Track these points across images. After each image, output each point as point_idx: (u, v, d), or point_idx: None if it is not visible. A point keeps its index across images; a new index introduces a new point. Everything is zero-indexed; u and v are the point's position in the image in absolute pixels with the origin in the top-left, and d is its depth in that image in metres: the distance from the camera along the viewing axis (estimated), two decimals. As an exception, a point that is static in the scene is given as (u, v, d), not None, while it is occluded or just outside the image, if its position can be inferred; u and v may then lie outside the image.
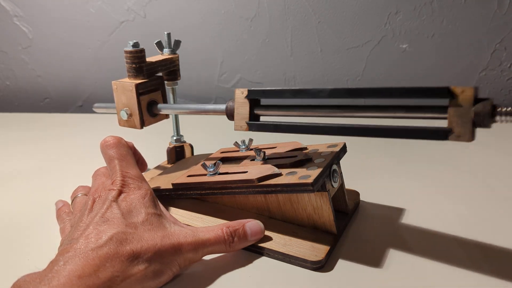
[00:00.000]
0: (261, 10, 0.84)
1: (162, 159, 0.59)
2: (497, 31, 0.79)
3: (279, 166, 0.41)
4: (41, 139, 0.76)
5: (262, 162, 0.44)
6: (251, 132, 0.42)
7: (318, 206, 0.39)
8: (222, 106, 0.44)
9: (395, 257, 0.38)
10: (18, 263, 0.40)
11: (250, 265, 0.38)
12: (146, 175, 0.53)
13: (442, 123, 0.32)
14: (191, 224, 0.43)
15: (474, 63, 0.82)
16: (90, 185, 0.44)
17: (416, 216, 0.45)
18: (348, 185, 0.48)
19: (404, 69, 0.84)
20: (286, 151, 0.46)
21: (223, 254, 0.39)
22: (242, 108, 0.41)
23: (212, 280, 0.36)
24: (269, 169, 0.41)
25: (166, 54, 0.52)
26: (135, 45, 0.47)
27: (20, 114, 0.93)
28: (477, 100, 0.30)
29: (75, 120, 0.87)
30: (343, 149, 0.44)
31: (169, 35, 0.52)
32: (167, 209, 0.46)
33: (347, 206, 0.44)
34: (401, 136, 0.34)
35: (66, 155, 0.68)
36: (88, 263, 0.30)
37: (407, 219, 0.44)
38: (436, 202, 0.48)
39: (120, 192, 0.38)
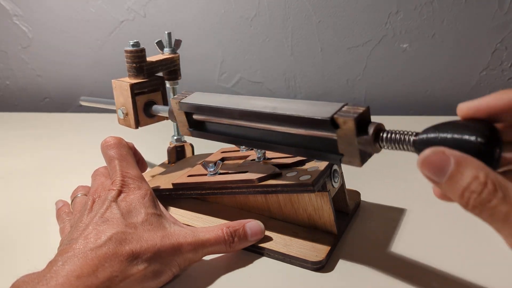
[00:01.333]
0: (261, 10, 0.84)
1: (163, 159, 0.59)
2: (498, 30, 0.79)
3: (279, 166, 0.41)
4: (41, 138, 0.76)
5: (262, 162, 0.44)
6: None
7: (319, 207, 0.39)
8: (166, 108, 0.45)
9: (396, 257, 0.38)
10: (17, 263, 0.40)
11: (250, 265, 0.38)
12: (146, 174, 0.53)
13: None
14: (191, 224, 0.43)
15: (474, 63, 0.82)
16: (89, 185, 0.44)
17: (416, 216, 0.45)
18: (349, 185, 0.48)
19: (404, 69, 0.84)
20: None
21: (223, 254, 0.39)
22: (180, 116, 0.42)
23: (212, 280, 0.36)
24: (270, 169, 0.41)
25: (166, 54, 0.52)
26: (136, 44, 0.47)
27: (20, 114, 0.93)
28: (365, 125, 0.29)
29: (75, 120, 0.87)
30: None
31: (169, 34, 0.52)
32: (167, 209, 0.46)
33: (347, 206, 0.44)
34: (301, 155, 0.35)
35: (66, 155, 0.68)
36: (86, 263, 0.30)
37: (408, 220, 0.44)
38: (436, 202, 0.48)
39: (119, 192, 0.37)
